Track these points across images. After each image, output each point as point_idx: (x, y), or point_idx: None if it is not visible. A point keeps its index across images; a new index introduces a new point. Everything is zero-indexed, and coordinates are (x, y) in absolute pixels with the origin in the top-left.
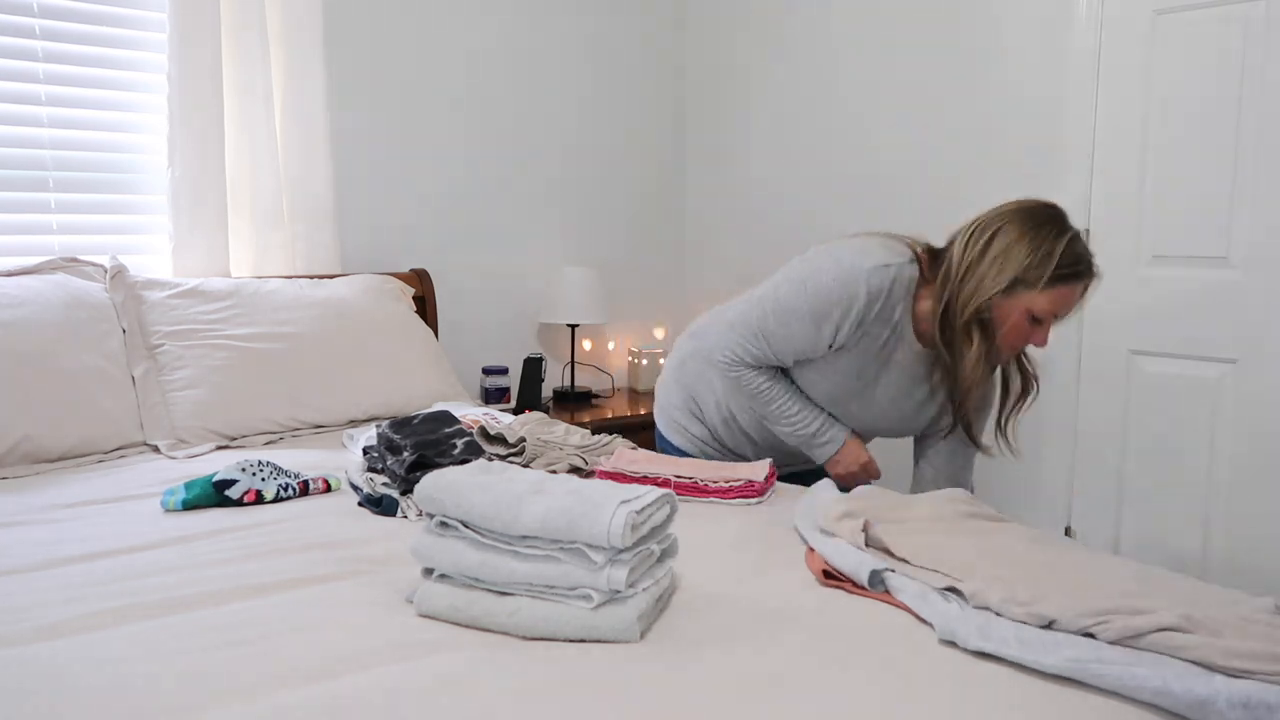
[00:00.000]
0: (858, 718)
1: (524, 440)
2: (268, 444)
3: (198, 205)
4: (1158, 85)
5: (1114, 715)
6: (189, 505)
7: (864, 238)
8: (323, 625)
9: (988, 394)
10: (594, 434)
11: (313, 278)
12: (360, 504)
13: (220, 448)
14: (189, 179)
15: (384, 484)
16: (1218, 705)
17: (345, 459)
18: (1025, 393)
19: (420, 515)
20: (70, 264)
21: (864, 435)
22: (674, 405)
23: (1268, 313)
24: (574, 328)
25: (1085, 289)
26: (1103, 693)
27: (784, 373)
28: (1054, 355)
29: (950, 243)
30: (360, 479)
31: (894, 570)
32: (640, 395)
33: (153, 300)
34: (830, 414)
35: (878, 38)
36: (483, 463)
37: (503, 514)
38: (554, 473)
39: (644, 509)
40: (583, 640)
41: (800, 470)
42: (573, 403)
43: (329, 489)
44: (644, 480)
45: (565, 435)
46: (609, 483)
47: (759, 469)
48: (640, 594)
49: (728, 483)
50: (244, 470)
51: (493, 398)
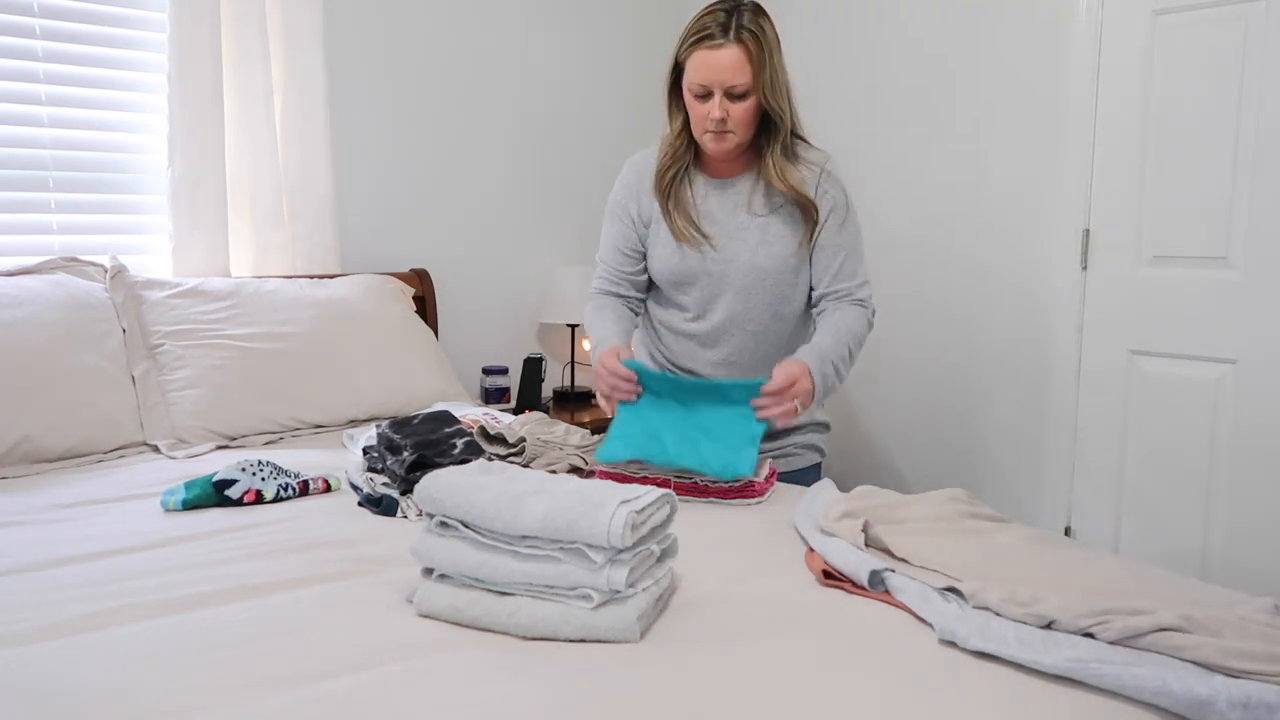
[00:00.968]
0: (858, 717)
1: (524, 440)
2: (268, 444)
3: (198, 205)
4: (1158, 85)
5: (1114, 715)
6: (189, 505)
7: None
8: (323, 625)
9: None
10: (594, 434)
11: (313, 278)
12: (360, 504)
13: (220, 448)
14: (189, 179)
15: (384, 484)
16: (1217, 705)
17: (345, 459)
18: (809, 215)
19: (420, 515)
20: (70, 264)
21: (733, 330)
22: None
23: (1268, 313)
24: (574, 328)
25: (723, 53)
26: (1103, 693)
27: (634, 301)
28: (1054, 355)
29: None
30: (360, 479)
31: (894, 570)
32: None
33: (153, 300)
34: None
35: (877, 38)
36: (483, 463)
37: (503, 514)
38: (554, 473)
39: (644, 509)
40: (583, 640)
41: (800, 469)
42: (573, 403)
43: (329, 489)
44: (644, 480)
45: (565, 435)
46: (609, 483)
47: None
48: (640, 594)
49: (728, 483)
50: (244, 470)
51: (493, 398)
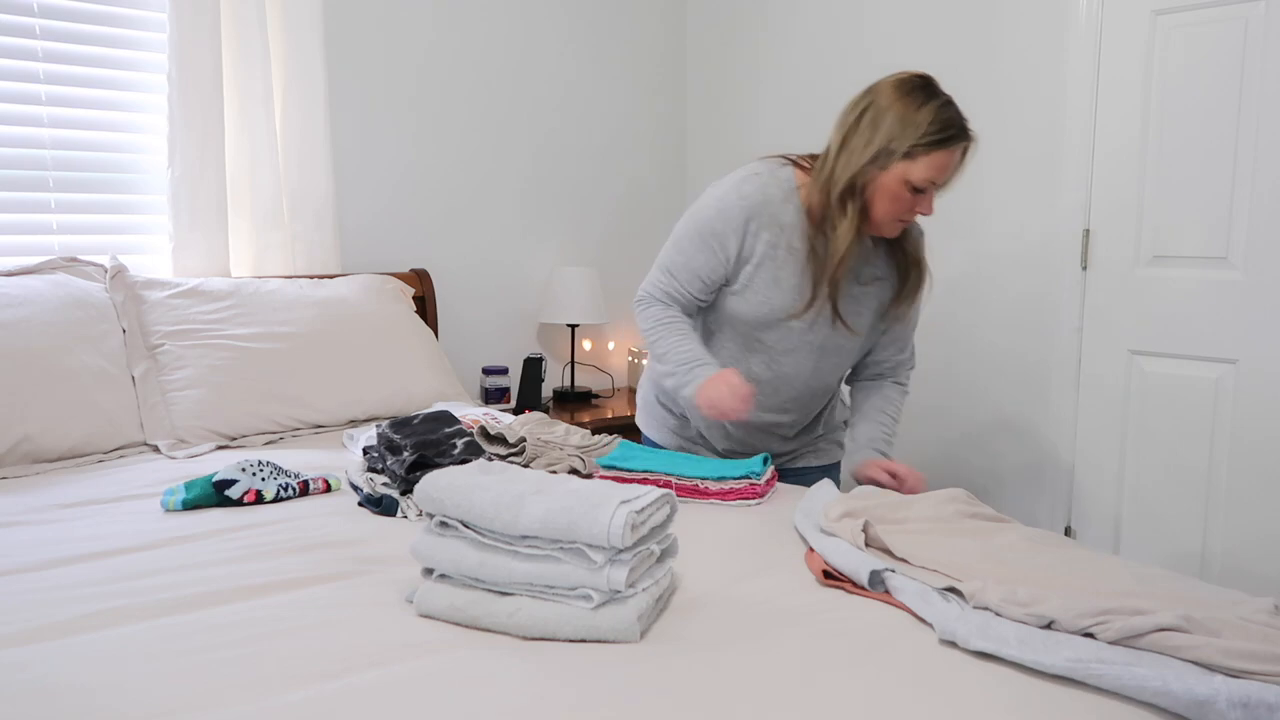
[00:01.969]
0: (857, 718)
1: (524, 440)
2: (268, 444)
3: (198, 205)
4: (1158, 85)
5: (1114, 715)
6: (189, 505)
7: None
8: (322, 625)
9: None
10: (594, 434)
11: (313, 278)
12: (360, 504)
13: (220, 448)
14: (189, 179)
15: (384, 484)
16: (1218, 705)
17: (345, 459)
18: (918, 282)
19: (420, 515)
20: (70, 264)
21: (795, 382)
22: (650, 402)
23: (1268, 313)
24: (574, 328)
25: (963, 154)
26: (1103, 693)
27: (701, 317)
28: (1054, 355)
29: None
30: (360, 479)
31: (894, 570)
32: None
33: (153, 300)
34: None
35: (878, 38)
36: (483, 463)
37: (503, 514)
38: (554, 473)
39: (644, 509)
40: (583, 640)
41: (800, 469)
42: (573, 403)
43: (329, 489)
44: (644, 480)
45: (565, 435)
46: (609, 483)
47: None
48: (640, 594)
49: (728, 484)
50: (244, 470)
51: (493, 398)
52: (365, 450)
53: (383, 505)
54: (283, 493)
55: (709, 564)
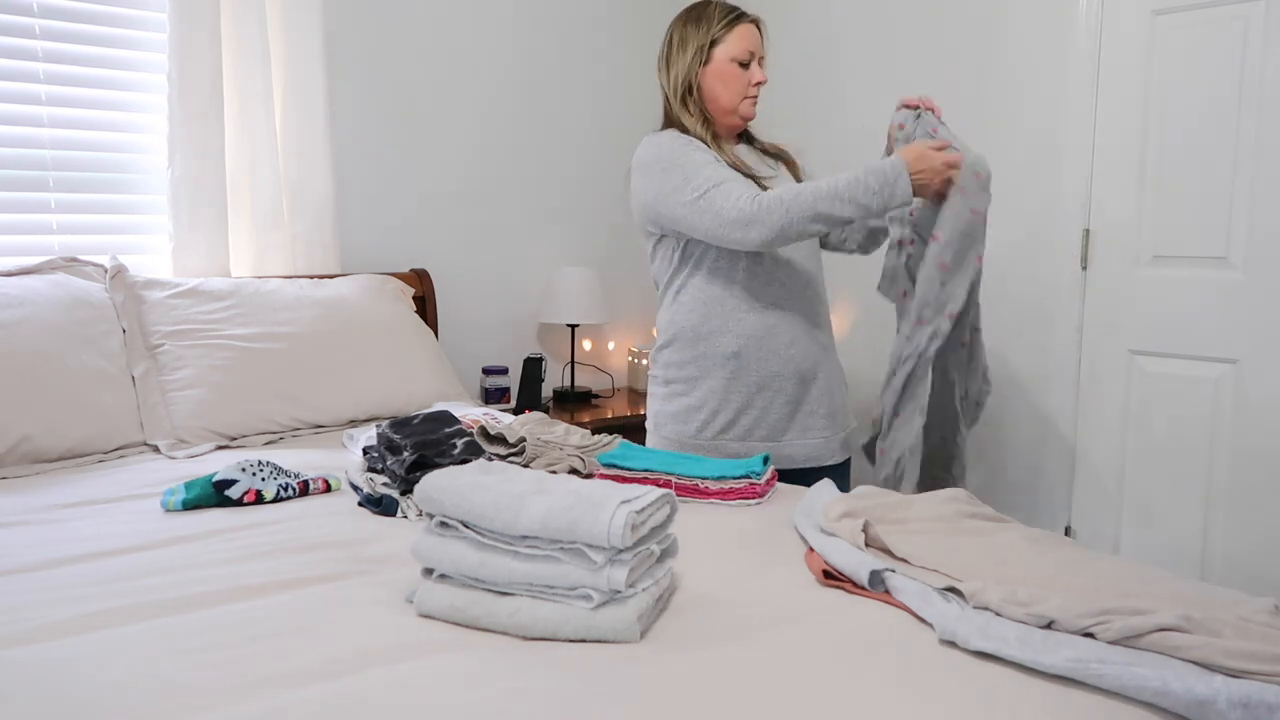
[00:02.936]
0: (858, 717)
1: (524, 440)
2: (268, 444)
3: (198, 205)
4: (1157, 85)
5: (1114, 715)
6: (189, 505)
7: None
8: (323, 625)
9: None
10: (594, 434)
11: (313, 278)
12: (360, 504)
13: (220, 448)
14: (189, 179)
15: (384, 484)
16: (1218, 705)
17: (345, 459)
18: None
19: (420, 515)
20: (70, 264)
21: (797, 275)
22: (663, 403)
23: (1268, 313)
24: (574, 328)
25: (759, 29)
26: (1103, 693)
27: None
28: (1054, 355)
29: None
30: (360, 479)
31: (894, 570)
32: (640, 395)
33: (153, 300)
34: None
35: (878, 38)
36: (483, 463)
37: (503, 514)
38: (554, 473)
39: (644, 509)
40: (583, 640)
41: (800, 470)
42: (573, 403)
43: (329, 489)
44: (644, 480)
45: (565, 435)
46: (609, 483)
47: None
48: (640, 594)
49: (728, 484)
50: (244, 470)
51: (493, 398)
52: (365, 450)
53: (383, 505)
54: (283, 493)
55: (709, 564)
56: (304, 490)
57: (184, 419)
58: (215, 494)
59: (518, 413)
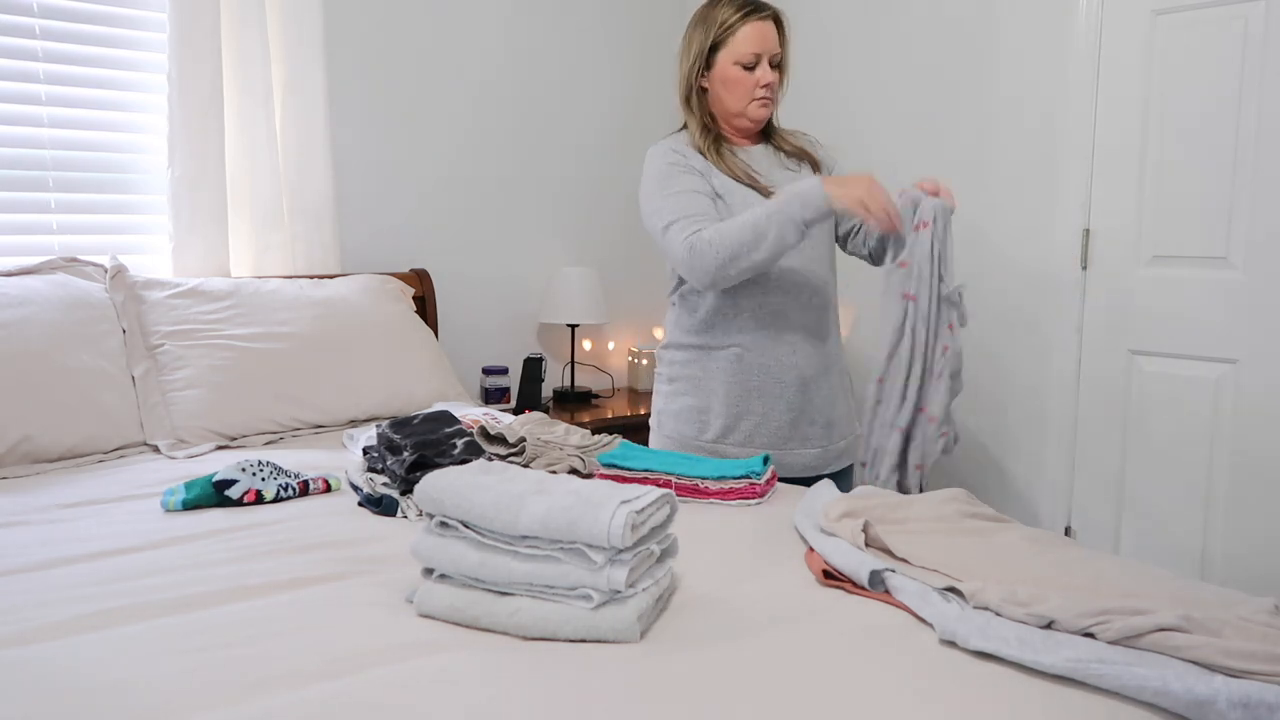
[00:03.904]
0: (858, 718)
1: (524, 440)
2: (268, 444)
3: (198, 205)
4: (1158, 85)
5: (1114, 715)
6: (189, 505)
7: None
8: (323, 625)
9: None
10: (594, 434)
11: (313, 278)
12: (360, 504)
13: (220, 448)
14: (189, 179)
15: (384, 484)
16: (1218, 705)
17: (345, 459)
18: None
19: (420, 515)
20: (70, 264)
21: (798, 277)
22: (666, 401)
23: (1268, 313)
24: (574, 328)
25: (778, 25)
26: (1103, 693)
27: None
28: (1054, 355)
29: None
30: (360, 479)
31: (894, 570)
32: (640, 395)
33: (153, 300)
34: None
35: (879, 37)
36: (483, 463)
37: (503, 514)
38: (554, 473)
39: (644, 509)
40: (583, 640)
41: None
42: (573, 403)
43: (329, 489)
44: (644, 480)
45: (565, 435)
46: (609, 483)
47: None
48: (640, 594)
49: (728, 484)
50: (244, 470)
51: (493, 398)
52: (365, 450)
53: (383, 505)
54: (283, 493)
55: (709, 564)
56: (304, 490)
57: (184, 419)
58: (215, 494)
59: (518, 413)
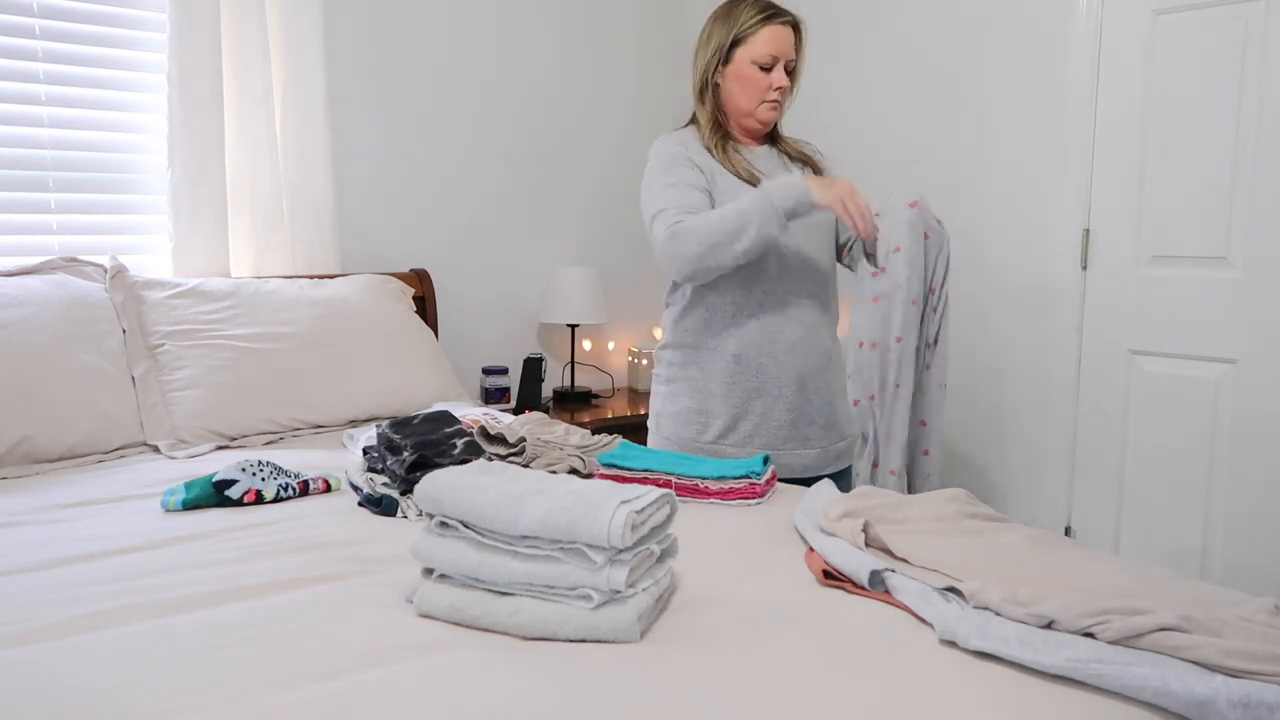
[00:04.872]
0: (858, 718)
1: (524, 440)
2: (268, 444)
3: (198, 205)
4: (1158, 85)
5: (1114, 715)
6: (189, 505)
7: None
8: (323, 625)
9: None
10: (594, 434)
11: (313, 278)
12: (360, 504)
13: (220, 448)
14: (189, 179)
15: (384, 484)
16: (1218, 705)
17: (345, 459)
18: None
19: (420, 515)
20: (70, 264)
21: (797, 267)
22: (664, 402)
23: (1268, 313)
24: (574, 328)
25: (796, 32)
26: (1103, 693)
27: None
28: (1054, 355)
29: None
30: (360, 479)
31: (894, 570)
32: (640, 395)
33: (153, 300)
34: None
35: (878, 38)
36: (483, 463)
37: (503, 514)
38: (554, 473)
39: (644, 509)
40: (583, 640)
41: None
42: (573, 403)
43: (329, 489)
44: (644, 480)
45: (565, 435)
46: (609, 483)
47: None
48: (640, 594)
49: (728, 484)
50: (244, 470)
51: (493, 398)
52: (365, 450)
53: (383, 505)
54: (283, 493)
55: (709, 564)
56: (304, 490)
57: (184, 419)
58: (215, 494)
59: (518, 413)
